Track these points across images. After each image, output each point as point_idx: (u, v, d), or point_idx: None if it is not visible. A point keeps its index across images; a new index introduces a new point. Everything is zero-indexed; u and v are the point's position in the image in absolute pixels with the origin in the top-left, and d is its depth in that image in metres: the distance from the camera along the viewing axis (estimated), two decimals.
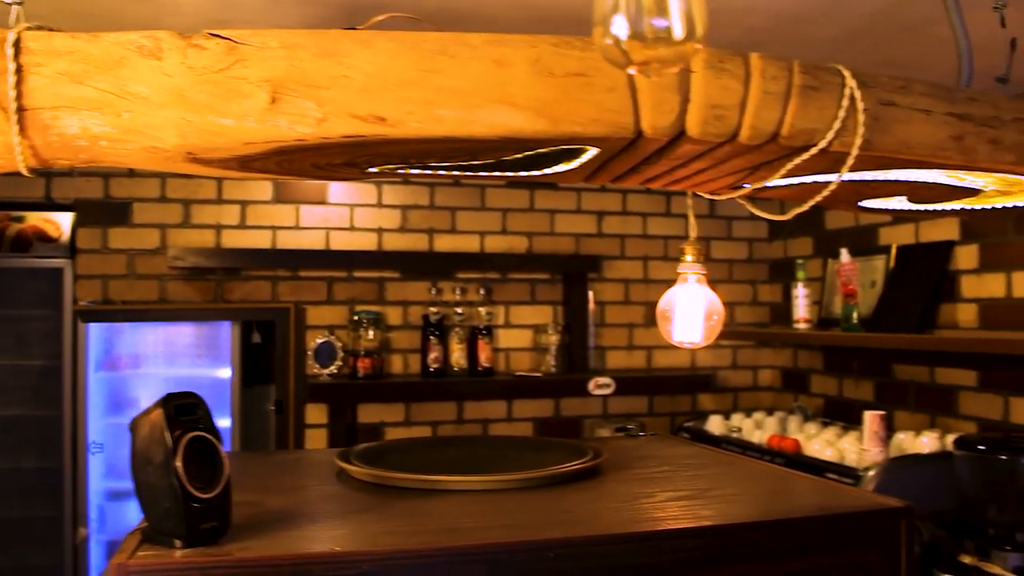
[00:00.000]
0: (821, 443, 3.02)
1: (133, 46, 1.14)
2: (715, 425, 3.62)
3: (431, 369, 3.69)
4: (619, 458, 1.84)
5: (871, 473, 2.53)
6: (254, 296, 3.65)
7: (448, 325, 3.74)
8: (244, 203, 3.68)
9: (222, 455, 1.22)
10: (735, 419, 3.64)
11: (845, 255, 3.26)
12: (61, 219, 3.49)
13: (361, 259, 3.75)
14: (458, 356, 3.73)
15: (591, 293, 3.98)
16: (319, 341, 3.64)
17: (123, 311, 3.50)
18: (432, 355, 3.70)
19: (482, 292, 3.85)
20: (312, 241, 3.74)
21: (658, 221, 4.13)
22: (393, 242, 3.82)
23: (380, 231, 3.81)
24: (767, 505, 1.55)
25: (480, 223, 3.92)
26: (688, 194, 1.86)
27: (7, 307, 3.37)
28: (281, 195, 3.72)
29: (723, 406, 4.14)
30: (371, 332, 3.65)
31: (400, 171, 1.49)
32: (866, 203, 1.93)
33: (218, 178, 3.59)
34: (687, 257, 1.94)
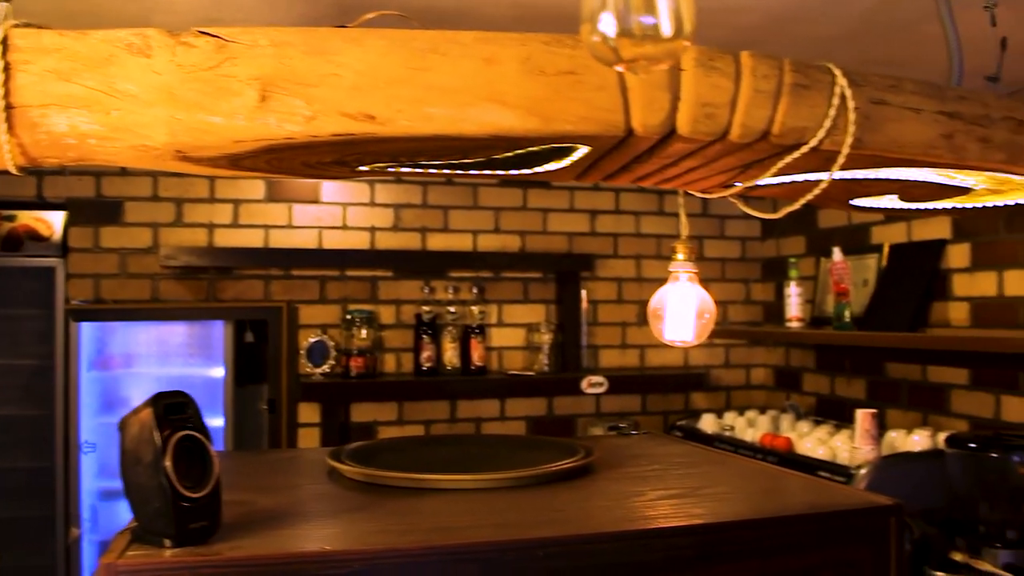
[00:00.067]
0: (813, 441, 3.03)
1: (122, 44, 1.13)
2: (708, 423, 3.63)
3: (424, 368, 3.69)
4: (611, 457, 1.84)
5: (863, 471, 2.54)
6: (247, 295, 3.64)
7: (441, 324, 3.74)
8: (237, 202, 3.67)
9: (212, 454, 1.22)
10: (728, 417, 3.65)
11: (837, 254, 3.27)
12: (53, 218, 3.48)
13: (354, 258, 3.75)
14: (451, 355, 3.73)
15: (584, 292, 3.99)
16: (312, 340, 3.64)
17: (115, 310, 3.49)
18: (425, 354, 3.70)
19: (475, 291, 3.85)
20: (305, 240, 3.73)
21: (651, 220, 4.13)
22: (386, 241, 3.81)
23: (373, 230, 3.81)
24: (758, 503, 1.55)
25: (473, 222, 3.92)
26: (679, 193, 1.86)
27: None
28: (274, 194, 3.71)
29: (716, 404, 4.15)
30: (364, 331, 3.64)
31: (391, 170, 1.48)
32: (858, 201, 1.93)
33: (210, 177, 3.58)
34: (678, 255, 1.93)
